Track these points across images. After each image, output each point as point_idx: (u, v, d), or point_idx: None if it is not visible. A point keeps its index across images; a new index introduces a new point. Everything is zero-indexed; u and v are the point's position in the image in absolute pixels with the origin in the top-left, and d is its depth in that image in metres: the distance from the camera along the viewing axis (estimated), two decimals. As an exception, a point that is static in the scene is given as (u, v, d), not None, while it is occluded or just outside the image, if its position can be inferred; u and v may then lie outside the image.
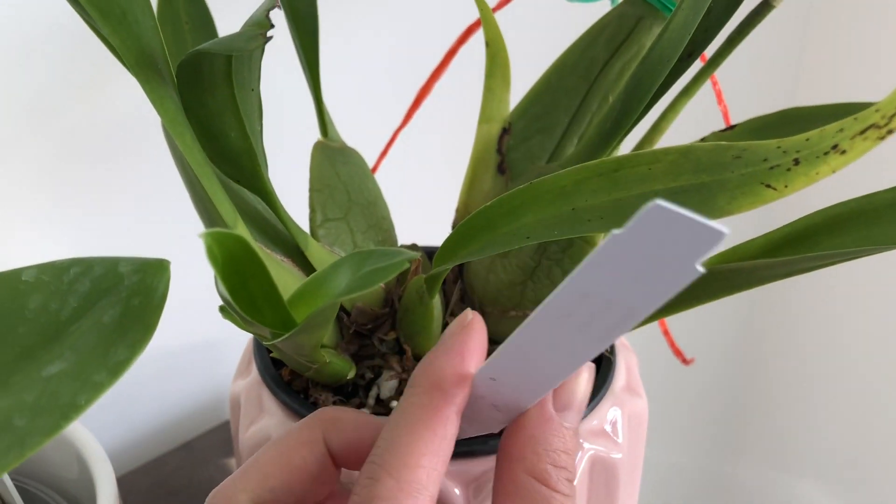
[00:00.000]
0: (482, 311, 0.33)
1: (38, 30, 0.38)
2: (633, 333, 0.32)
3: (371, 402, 0.30)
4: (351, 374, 0.30)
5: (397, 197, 0.39)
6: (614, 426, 0.31)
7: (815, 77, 0.79)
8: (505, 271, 0.32)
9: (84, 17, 0.22)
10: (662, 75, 0.27)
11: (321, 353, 0.26)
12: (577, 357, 0.19)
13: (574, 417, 0.23)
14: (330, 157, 0.31)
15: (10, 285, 0.20)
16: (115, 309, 0.19)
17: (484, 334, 0.22)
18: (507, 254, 0.32)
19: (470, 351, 0.21)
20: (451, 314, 0.33)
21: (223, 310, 0.21)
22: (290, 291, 0.23)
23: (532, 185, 0.24)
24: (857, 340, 0.82)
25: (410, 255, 0.19)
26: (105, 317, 0.19)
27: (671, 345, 0.45)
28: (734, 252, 0.28)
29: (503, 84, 0.33)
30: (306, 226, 0.31)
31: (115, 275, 0.20)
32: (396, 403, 0.30)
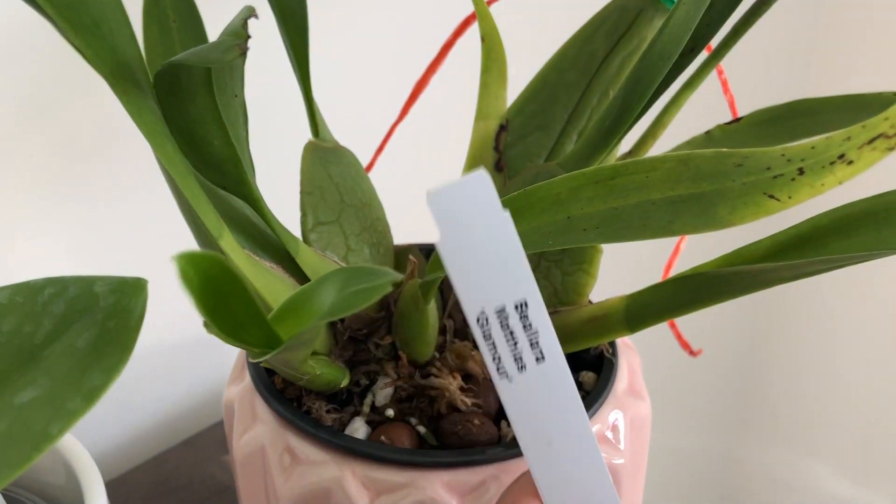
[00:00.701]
0: (480, 314, 0.32)
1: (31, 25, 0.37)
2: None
3: (366, 409, 0.30)
4: (345, 382, 0.29)
5: (394, 195, 0.38)
6: (615, 431, 0.30)
7: (827, 65, 0.78)
8: (503, 273, 0.31)
9: (55, 26, 0.21)
10: (663, 72, 0.26)
11: (310, 365, 0.25)
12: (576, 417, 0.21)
13: None
14: (322, 158, 0.30)
15: (-17, 307, 0.19)
16: (91, 332, 0.19)
17: None
18: (505, 255, 0.31)
19: None
20: (448, 317, 0.32)
21: (207, 326, 0.20)
22: (280, 300, 0.22)
23: (526, 192, 0.23)
24: (866, 323, 0.81)
25: (394, 278, 0.18)
26: (80, 340, 0.19)
27: (678, 337, 0.44)
28: (739, 255, 0.27)
29: (500, 80, 0.32)
30: (298, 231, 0.30)
31: (90, 295, 0.19)
32: (391, 412, 0.30)
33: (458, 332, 0.32)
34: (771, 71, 0.74)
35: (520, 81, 0.33)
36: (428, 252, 0.35)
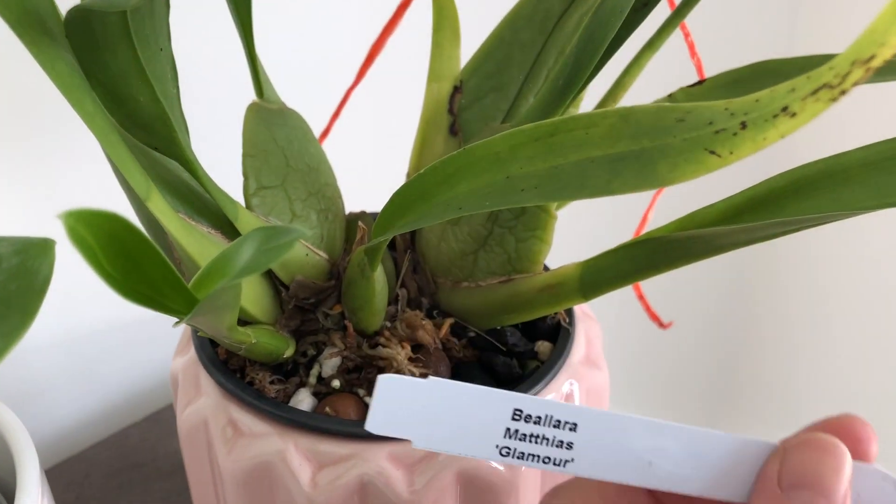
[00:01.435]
0: (434, 283, 0.31)
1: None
2: (605, 299, 0.30)
3: (312, 380, 0.29)
4: (289, 352, 0.28)
5: (349, 162, 0.37)
6: (570, 401, 0.29)
7: (813, 28, 0.76)
8: (456, 240, 0.30)
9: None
10: (615, 28, 0.25)
11: (243, 332, 0.24)
12: None
13: (810, 498, 0.21)
14: (266, 120, 0.29)
15: None
16: (-9, 295, 0.18)
17: None
18: (459, 221, 0.30)
19: None
20: (401, 286, 0.31)
21: (115, 287, 0.19)
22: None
23: (466, 151, 0.22)
24: (846, 295, 0.80)
25: (303, 234, 0.17)
26: (-21, 304, 0.18)
27: (647, 309, 0.43)
28: (692, 219, 0.26)
29: (452, 39, 0.30)
30: (241, 196, 0.29)
31: (-7, 257, 0.18)
32: (338, 382, 0.29)
33: (412, 302, 0.31)
34: (754, 35, 0.73)
35: (474, 41, 0.31)
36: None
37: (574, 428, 0.21)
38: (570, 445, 0.21)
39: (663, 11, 0.31)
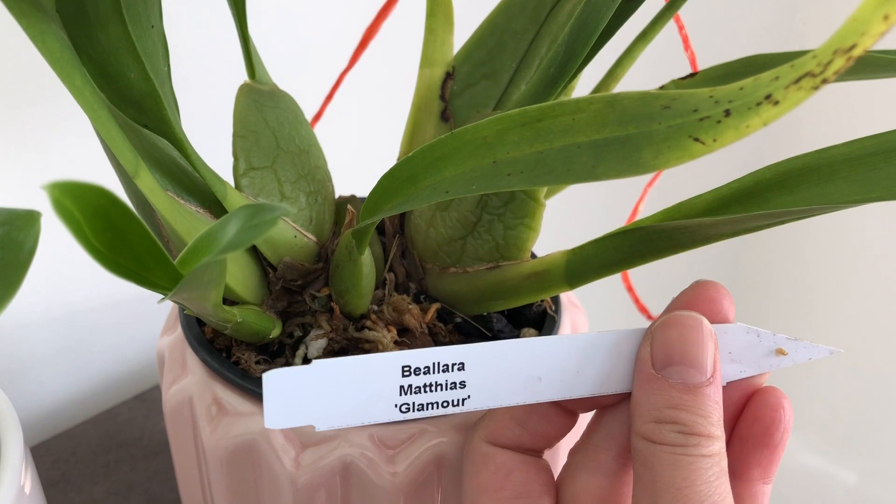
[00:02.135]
0: (422, 268, 0.31)
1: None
2: (593, 289, 0.30)
3: (298, 361, 0.29)
4: (275, 333, 0.28)
5: (340, 145, 0.37)
6: (554, 389, 0.29)
7: (810, 22, 0.76)
8: (445, 226, 0.30)
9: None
10: (607, 17, 0.25)
11: (229, 311, 0.24)
12: None
13: (679, 372, 0.22)
14: (257, 101, 0.29)
15: None
16: (-25, 266, 0.18)
17: None
18: (447, 206, 0.30)
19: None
20: (389, 270, 0.32)
21: (101, 262, 0.19)
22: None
23: (454, 135, 0.22)
24: (836, 294, 0.81)
25: (285, 211, 0.17)
26: (-37, 274, 0.18)
27: (635, 300, 0.43)
28: (679, 209, 0.26)
29: (446, 25, 0.31)
30: (231, 176, 0.29)
31: (-22, 228, 0.18)
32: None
33: (399, 286, 0.31)
34: (750, 29, 0.73)
35: (468, 27, 0.31)
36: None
37: (462, 367, 0.22)
38: (462, 384, 0.22)
39: (657, 2, 0.31)
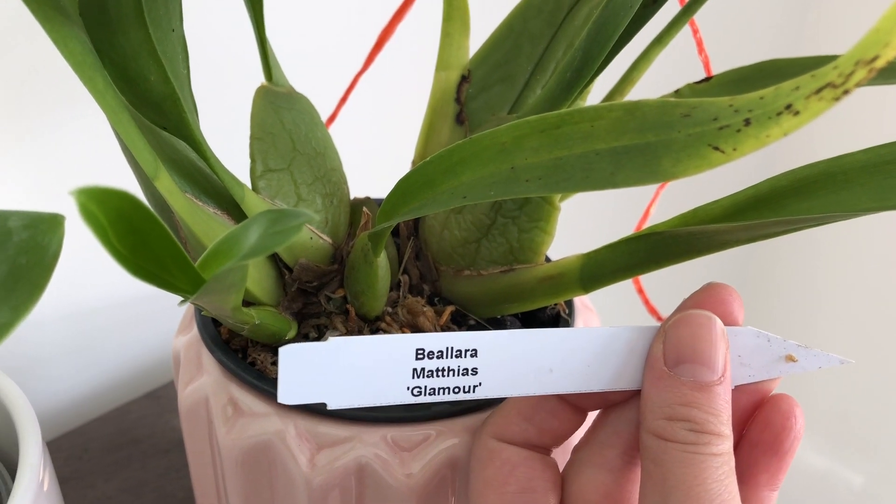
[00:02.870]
0: (436, 270, 0.32)
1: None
2: (605, 292, 0.30)
3: (313, 362, 0.29)
4: (291, 334, 0.28)
5: (355, 147, 0.37)
6: (567, 392, 0.29)
7: (823, 27, 0.76)
8: (459, 228, 0.30)
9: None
10: (625, 22, 0.25)
11: (247, 313, 0.24)
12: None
13: (691, 370, 0.23)
14: (274, 103, 0.29)
15: None
16: (1, 268, 0.18)
17: None
18: (462, 210, 0.30)
19: None
20: (403, 272, 0.32)
21: (125, 265, 0.20)
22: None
23: (472, 141, 0.22)
24: (844, 293, 0.81)
25: (308, 218, 0.17)
26: (-11, 277, 0.18)
27: (646, 303, 0.44)
28: (695, 214, 0.26)
29: (462, 28, 0.31)
30: (248, 178, 0.29)
31: (3, 230, 0.18)
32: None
33: (413, 288, 0.32)
34: (764, 32, 0.73)
35: (484, 30, 0.32)
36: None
37: (475, 353, 0.22)
38: (474, 371, 0.22)
39: (673, 7, 0.31)
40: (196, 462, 0.31)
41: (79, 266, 0.45)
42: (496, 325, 0.30)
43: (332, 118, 0.37)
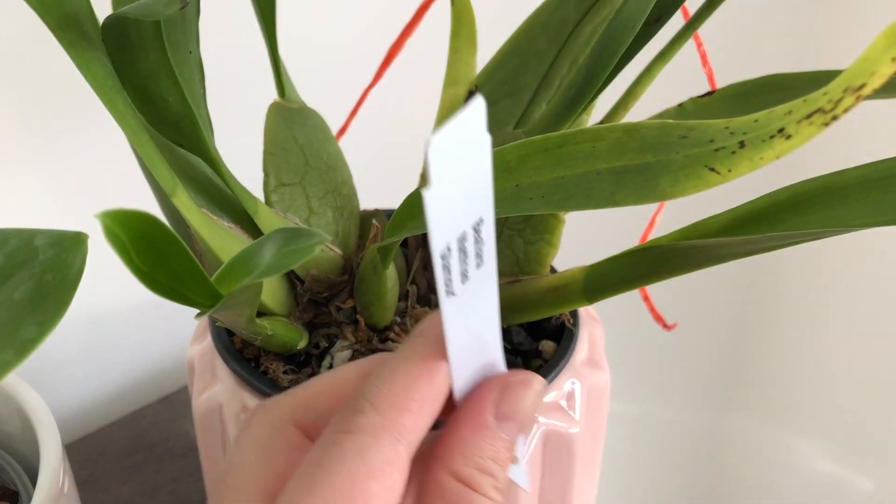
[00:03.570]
0: (444, 280, 0.32)
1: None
2: (610, 299, 0.31)
3: (323, 372, 0.30)
4: (302, 344, 0.29)
5: (365, 161, 0.38)
6: (570, 400, 0.30)
7: (825, 40, 0.77)
8: (466, 240, 0.31)
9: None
10: (628, 41, 0.26)
11: (261, 325, 0.25)
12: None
13: (513, 430, 0.22)
14: (286, 119, 0.30)
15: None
16: (28, 285, 0.19)
17: None
18: (469, 222, 0.31)
19: None
20: (412, 283, 0.32)
21: (146, 282, 0.20)
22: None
23: (478, 159, 0.23)
24: (853, 297, 0.81)
25: (325, 239, 0.18)
26: (17, 293, 0.19)
27: (651, 310, 0.44)
28: (696, 228, 0.27)
29: (469, 45, 0.31)
30: (261, 192, 0.30)
31: (30, 248, 0.19)
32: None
33: (421, 298, 0.32)
34: (767, 45, 0.73)
35: (491, 47, 0.32)
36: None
37: (479, 265, 0.20)
38: (466, 278, 0.20)
39: (677, 22, 0.31)
40: (210, 467, 0.32)
41: (93, 271, 0.46)
42: (502, 335, 0.31)
43: (342, 131, 0.38)
